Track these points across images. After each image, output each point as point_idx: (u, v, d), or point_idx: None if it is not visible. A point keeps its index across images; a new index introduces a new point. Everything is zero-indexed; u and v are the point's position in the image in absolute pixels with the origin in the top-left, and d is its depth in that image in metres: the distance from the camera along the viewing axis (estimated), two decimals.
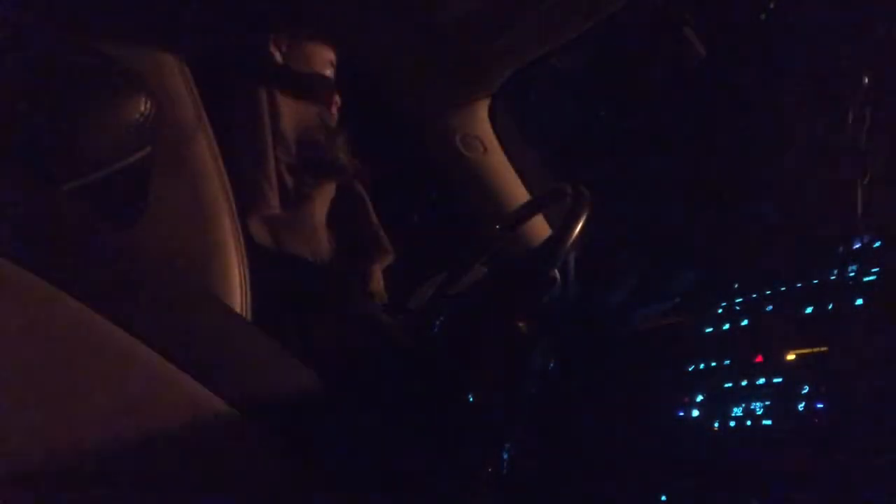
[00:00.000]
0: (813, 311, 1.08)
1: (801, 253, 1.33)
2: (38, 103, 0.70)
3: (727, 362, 1.17)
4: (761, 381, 1.05)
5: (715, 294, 1.39)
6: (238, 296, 0.96)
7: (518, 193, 1.88)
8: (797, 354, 1.02)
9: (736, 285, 1.37)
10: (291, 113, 1.25)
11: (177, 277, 0.67)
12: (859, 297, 0.98)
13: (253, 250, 1.02)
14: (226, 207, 0.97)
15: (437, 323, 1.64)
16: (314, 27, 1.37)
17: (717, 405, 1.12)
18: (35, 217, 0.66)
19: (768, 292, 1.23)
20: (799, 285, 1.17)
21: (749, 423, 1.02)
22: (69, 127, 0.71)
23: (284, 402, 0.68)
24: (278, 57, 1.29)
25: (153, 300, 0.64)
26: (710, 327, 1.31)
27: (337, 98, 1.40)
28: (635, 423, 1.33)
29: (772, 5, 1.04)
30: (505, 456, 0.97)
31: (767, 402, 1.01)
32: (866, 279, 1.00)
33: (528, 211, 1.46)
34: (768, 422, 0.99)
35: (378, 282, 1.36)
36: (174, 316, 0.65)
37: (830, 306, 1.04)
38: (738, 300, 1.30)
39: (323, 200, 1.30)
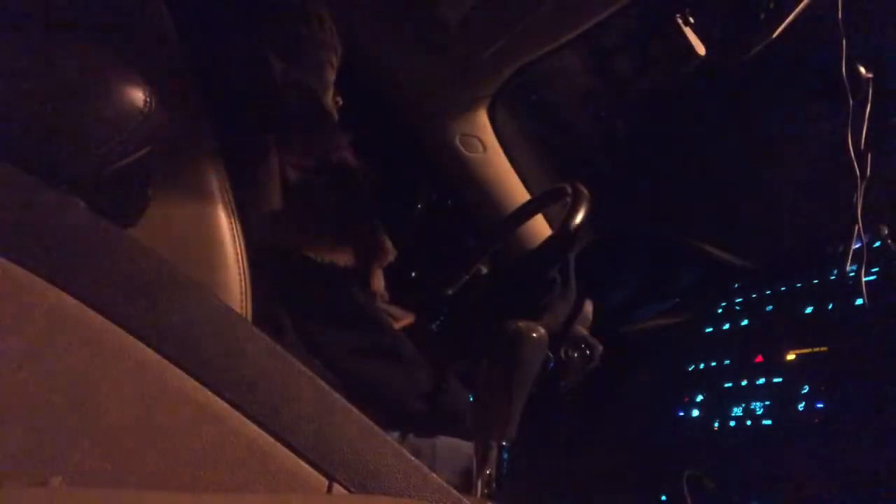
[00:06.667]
0: (813, 311, 1.08)
1: (801, 253, 1.33)
2: (35, 102, 0.71)
3: (727, 362, 1.17)
4: (761, 381, 1.05)
5: (715, 294, 1.39)
6: (237, 294, 0.96)
7: (518, 193, 1.88)
8: (797, 354, 1.02)
9: (736, 285, 1.37)
10: (297, 111, 1.25)
11: (175, 276, 0.67)
12: (859, 297, 0.98)
13: (252, 248, 1.02)
14: (225, 206, 0.97)
15: (437, 323, 1.64)
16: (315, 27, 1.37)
17: (717, 405, 1.12)
18: (34, 216, 0.66)
19: (768, 292, 1.23)
20: (799, 285, 1.17)
21: (749, 423, 1.02)
22: (68, 125, 0.71)
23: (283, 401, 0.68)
24: (283, 57, 1.29)
25: (152, 300, 0.64)
26: (710, 327, 1.31)
27: (338, 98, 1.40)
28: (635, 423, 1.33)
29: (772, 5, 1.04)
30: (505, 456, 0.97)
31: (767, 402, 1.01)
32: (866, 279, 1.00)
33: (527, 211, 1.45)
34: (768, 422, 0.99)
35: (378, 281, 1.36)
36: (173, 315, 0.64)
37: (830, 306, 1.04)
38: (738, 300, 1.30)
39: (326, 199, 1.30)
